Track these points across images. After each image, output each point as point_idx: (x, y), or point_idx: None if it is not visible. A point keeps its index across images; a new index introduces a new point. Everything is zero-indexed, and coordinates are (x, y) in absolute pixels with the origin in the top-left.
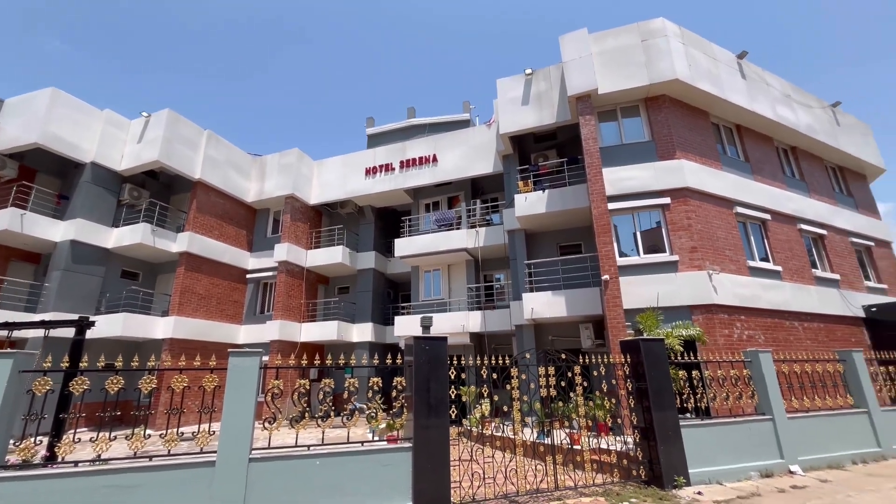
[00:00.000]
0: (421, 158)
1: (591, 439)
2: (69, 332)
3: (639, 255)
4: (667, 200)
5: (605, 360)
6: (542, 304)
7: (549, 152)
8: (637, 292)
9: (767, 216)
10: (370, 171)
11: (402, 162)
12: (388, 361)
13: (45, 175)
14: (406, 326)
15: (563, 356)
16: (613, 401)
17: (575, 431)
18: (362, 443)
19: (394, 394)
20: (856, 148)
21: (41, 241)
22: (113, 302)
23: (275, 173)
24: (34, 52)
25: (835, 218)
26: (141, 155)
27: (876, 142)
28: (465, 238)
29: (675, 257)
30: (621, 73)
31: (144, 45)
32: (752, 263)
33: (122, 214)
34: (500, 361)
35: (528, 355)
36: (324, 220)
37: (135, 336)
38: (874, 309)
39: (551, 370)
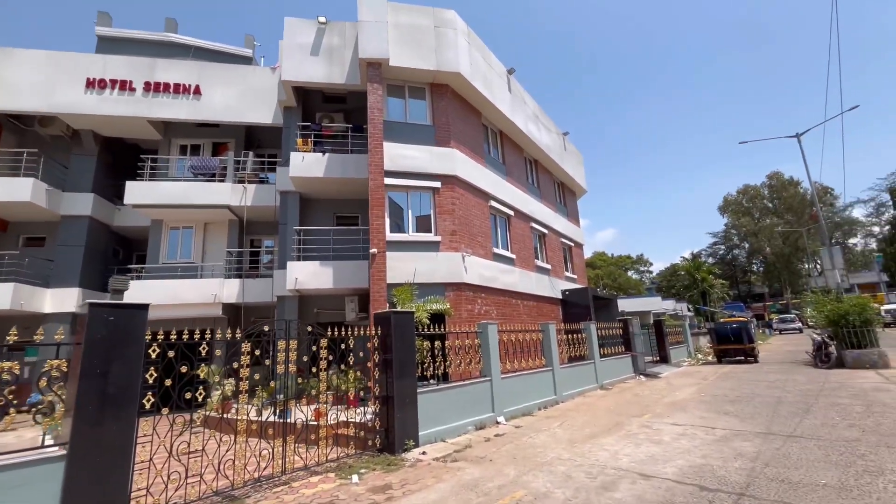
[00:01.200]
0: (178, 86)
1: (336, 414)
2: None
3: (408, 232)
4: (437, 184)
5: (358, 332)
6: (309, 275)
7: (336, 115)
8: (403, 268)
9: (512, 212)
10: (95, 84)
11: (148, 84)
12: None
13: None
14: (136, 294)
15: (310, 328)
16: (359, 373)
17: (319, 406)
18: None
19: (42, 382)
20: (573, 170)
21: None
22: None
23: None
24: None
25: (555, 222)
26: None
27: (584, 169)
28: (229, 193)
29: (439, 238)
30: (413, 52)
31: None
32: (496, 250)
33: None
34: (234, 335)
35: (266, 328)
36: (5, 138)
37: None
38: (567, 292)
39: (293, 344)
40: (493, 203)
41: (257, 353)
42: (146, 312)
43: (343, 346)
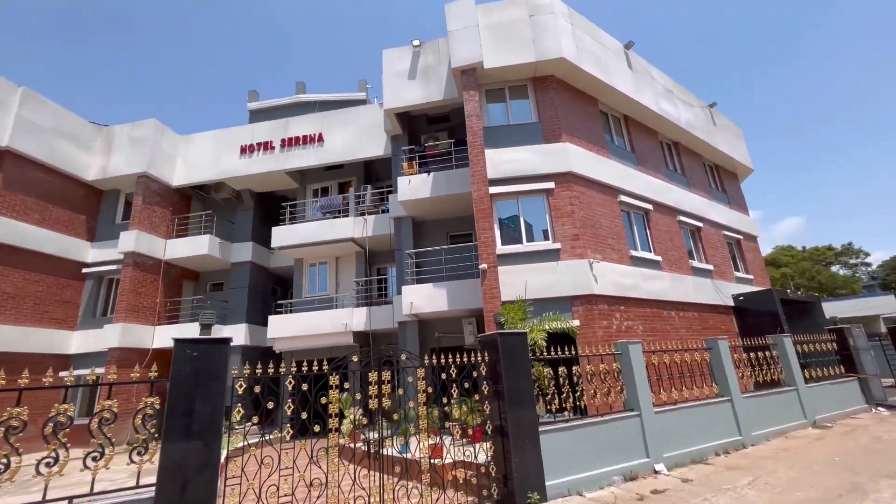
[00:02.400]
0: (305, 137)
1: (453, 451)
2: None
3: (522, 242)
4: (551, 185)
5: (480, 357)
6: (423, 298)
7: (440, 135)
8: (518, 283)
9: (650, 206)
10: (246, 150)
11: (283, 140)
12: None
13: None
14: (281, 327)
15: (404, 357)
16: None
17: (439, 442)
18: (94, 493)
19: (138, 420)
20: (729, 147)
21: None
22: None
23: (125, 147)
24: None
25: (710, 212)
26: None
27: (746, 144)
28: (351, 227)
29: (558, 245)
30: (508, 48)
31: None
32: (634, 253)
33: None
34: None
35: (355, 358)
36: (194, 206)
37: None
38: (741, 298)
39: (386, 375)
40: (624, 198)
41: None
42: (228, 347)
43: (453, 374)
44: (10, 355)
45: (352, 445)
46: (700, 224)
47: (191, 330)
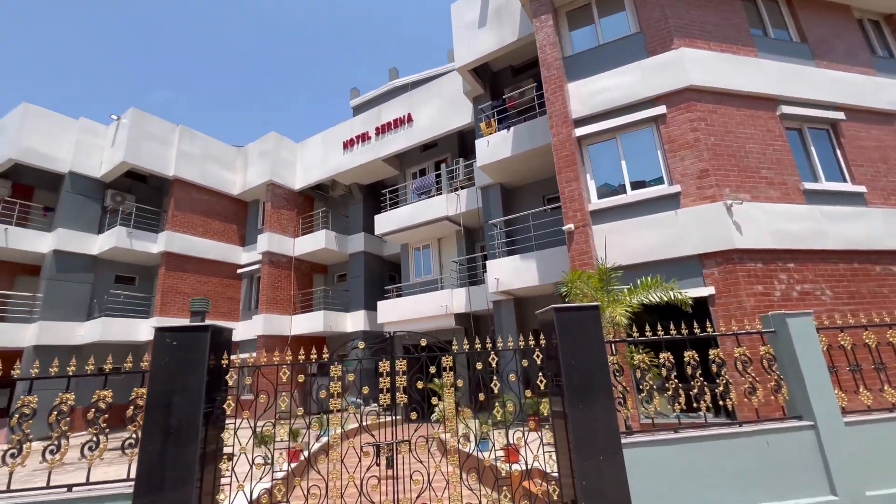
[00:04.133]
0: (395, 121)
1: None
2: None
3: (626, 192)
4: (661, 110)
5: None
6: (509, 272)
7: (527, 85)
8: (624, 243)
9: (840, 115)
10: (348, 144)
11: (377, 128)
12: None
13: (40, 190)
14: (389, 311)
15: (423, 345)
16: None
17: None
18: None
19: (129, 412)
20: None
21: (30, 254)
22: (108, 307)
23: (255, 161)
24: None
25: None
26: (112, 158)
27: None
28: (445, 205)
29: (677, 188)
30: None
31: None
32: (809, 185)
33: (107, 220)
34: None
35: (361, 345)
36: (316, 205)
37: (117, 339)
38: None
39: (402, 364)
40: (788, 109)
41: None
42: (207, 335)
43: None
44: None
45: (443, 436)
46: None
47: (316, 319)
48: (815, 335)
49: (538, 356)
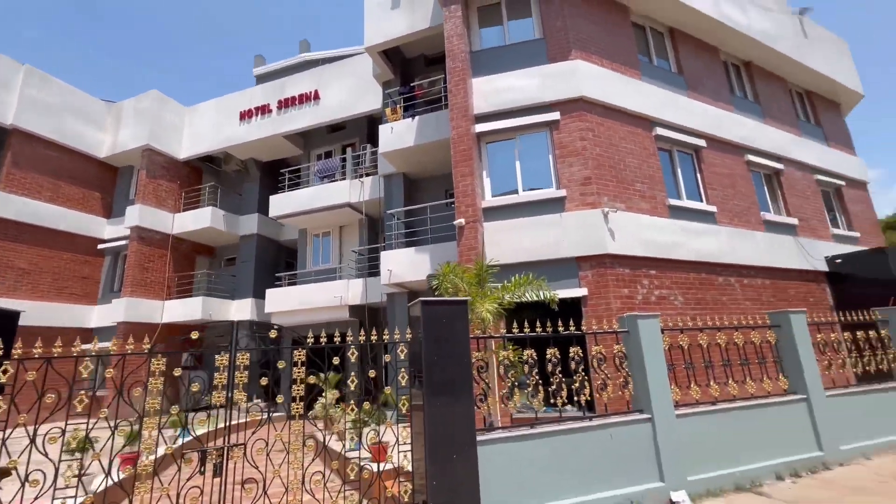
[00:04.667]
0: (301, 96)
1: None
2: None
3: (518, 191)
4: (555, 116)
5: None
6: (402, 265)
7: (437, 76)
8: (512, 241)
9: (702, 143)
10: (246, 115)
11: (280, 102)
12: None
13: None
14: (280, 300)
15: (275, 334)
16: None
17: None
18: None
19: None
20: (827, 66)
21: None
22: None
23: (131, 121)
24: None
25: (797, 150)
26: None
27: (852, 63)
28: (347, 190)
29: (563, 192)
30: None
31: None
32: (674, 202)
33: None
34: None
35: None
36: (204, 178)
37: None
38: (839, 261)
39: (244, 357)
40: (663, 131)
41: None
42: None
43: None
44: (29, 329)
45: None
46: (780, 166)
47: (194, 305)
48: (660, 336)
49: (402, 351)
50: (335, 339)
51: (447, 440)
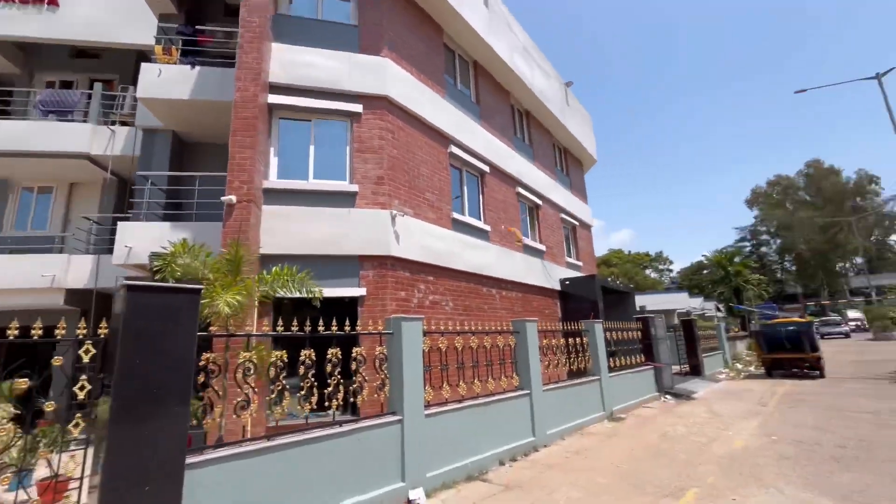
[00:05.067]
0: None
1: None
2: None
3: (308, 178)
4: (358, 108)
5: None
6: (148, 242)
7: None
8: (296, 231)
9: (487, 169)
10: None
11: None
12: None
13: None
14: None
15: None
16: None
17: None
18: None
19: None
20: (579, 132)
21: None
22: None
23: None
24: None
25: (552, 192)
26: None
27: (594, 135)
28: (89, 137)
29: (355, 187)
30: None
31: None
32: (458, 216)
33: None
34: None
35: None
36: None
37: None
38: (567, 282)
39: None
40: (457, 150)
41: None
42: None
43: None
44: None
45: None
46: (540, 202)
47: None
48: (421, 338)
49: (87, 351)
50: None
51: (137, 468)
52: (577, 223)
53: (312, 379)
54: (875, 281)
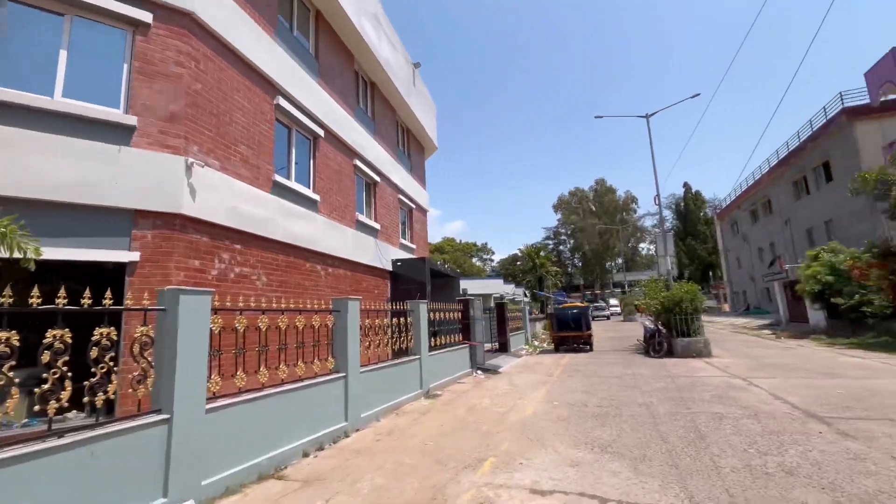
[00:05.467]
0: None
1: None
2: None
3: (53, 95)
4: (147, 17)
5: None
6: None
7: None
8: (31, 166)
9: (322, 133)
10: None
11: None
12: None
13: None
14: None
15: None
16: None
17: None
18: None
19: None
20: (423, 116)
21: None
22: None
23: None
24: None
25: (392, 171)
26: None
27: (436, 123)
28: None
29: (133, 120)
30: None
31: None
32: (281, 179)
33: None
34: None
35: None
36: None
37: None
38: (399, 263)
39: None
40: (285, 104)
41: None
42: None
43: None
44: None
45: None
46: (378, 179)
47: None
48: (207, 316)
49: None
50: None
51: None
52: (414, 206)
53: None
54: (629, 277)
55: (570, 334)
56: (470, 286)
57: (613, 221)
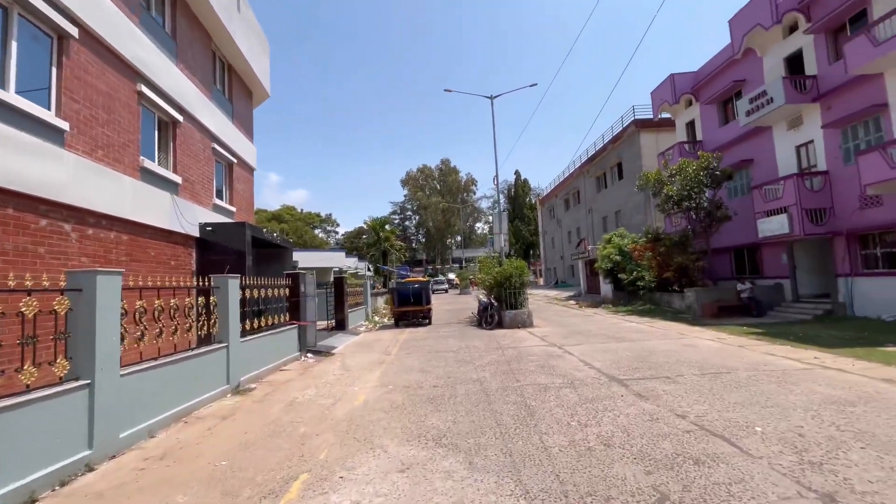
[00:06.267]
0: None
1: None
2: None
3: None
4: None
5: None
6: None
7: None
8: None
9: (76, 33)
10: None
11: None
12: None
13: None
14: None
15: None
16: None
17: None
18: None
19: None
20: (251, 54)
21: None
22: None
23: None
24: None
25: (203, 111)
26: None
27: (269, 67)
28: None
29: None
30: None
31: None
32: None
33: None
34: None
35: None
36: None
37: None
38: (209, 228)
39: None
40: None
41: None
42: None
43: None
44: None
45: None
46: (180, 117)
47: None
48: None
49: None
50: None
51: None
52: (235, 161)
53: None
54: (466, 253)
55: (411, 309)
56: (308, 259)
57: (455, 201)
